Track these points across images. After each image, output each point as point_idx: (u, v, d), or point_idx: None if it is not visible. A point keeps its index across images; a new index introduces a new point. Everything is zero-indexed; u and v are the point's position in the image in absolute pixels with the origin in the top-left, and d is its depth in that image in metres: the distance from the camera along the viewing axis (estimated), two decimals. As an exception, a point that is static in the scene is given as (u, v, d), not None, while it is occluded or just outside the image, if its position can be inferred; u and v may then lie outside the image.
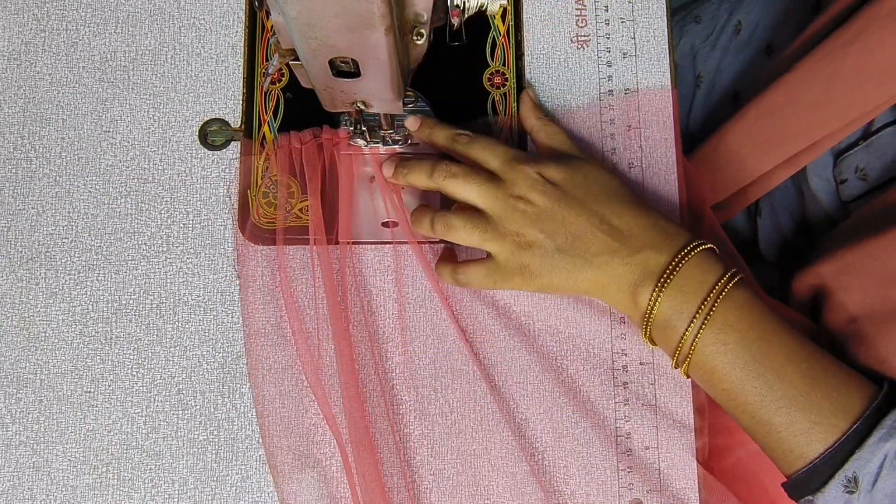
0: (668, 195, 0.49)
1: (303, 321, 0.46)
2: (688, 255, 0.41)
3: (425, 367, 0.46)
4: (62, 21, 0.49)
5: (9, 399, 0.45)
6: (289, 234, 0.46)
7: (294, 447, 0.45)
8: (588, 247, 0.42)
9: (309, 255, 0.47)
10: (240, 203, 0.47)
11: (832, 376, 0.41)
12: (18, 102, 0.48)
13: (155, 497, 0.45)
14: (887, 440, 0.38)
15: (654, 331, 0.42)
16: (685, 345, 0.41)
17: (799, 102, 0.51)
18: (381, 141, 0.47)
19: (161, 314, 0.46)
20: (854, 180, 0.51)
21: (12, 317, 0.46)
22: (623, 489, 0.46)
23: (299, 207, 0.47)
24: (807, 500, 0.40)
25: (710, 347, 0.41)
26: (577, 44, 0.51)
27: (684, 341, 0.41)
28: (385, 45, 0.33)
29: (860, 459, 0.38)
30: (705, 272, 0.41)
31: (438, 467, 0.45)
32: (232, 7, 0.50)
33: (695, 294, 0.41)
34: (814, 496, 0.40)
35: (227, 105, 0.49)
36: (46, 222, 0.47)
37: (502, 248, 0.42)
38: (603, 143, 0.50)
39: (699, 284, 0.41)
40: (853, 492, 0.38)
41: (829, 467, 0.39)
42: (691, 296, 0.41)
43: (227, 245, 0.47)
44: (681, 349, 0.41)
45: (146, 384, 0.46)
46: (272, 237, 0.46)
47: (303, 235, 0.46)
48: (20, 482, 0.44)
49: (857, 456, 0.38)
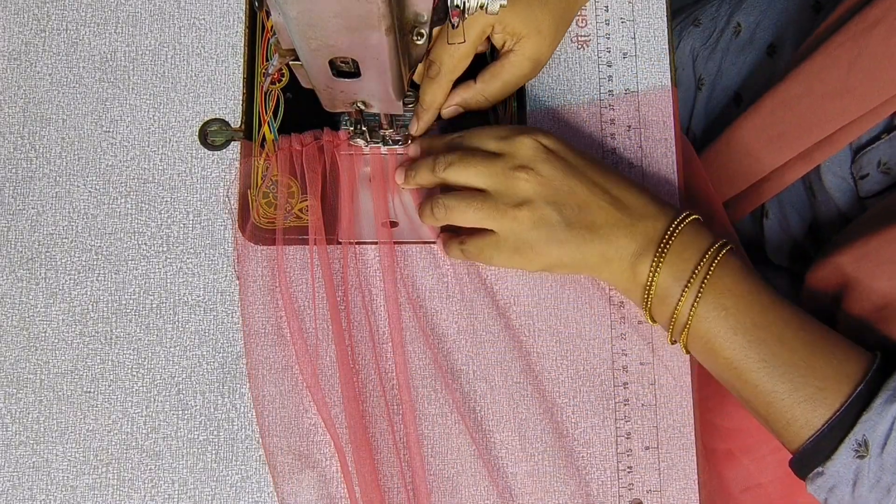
0: (668, 195, 0.49)
1: (301, 321, 0.46)
2: (681, 223, 0.41)
3: (425, 367, 0.46)
4: (62, 21, 0.49)
5: (9, 399, 0.45)
6: (289, 234, 0.46)
7: (294, 447, 0.45)
8: (594, 218, 0.42)
9: (308, 255, 0.47)
10: (240, 203, 0.47)
11: (831, 343, 0.41)
12: (18, 102, 0.48)
13: (155, 497, 0.45)
14: (893, 402, 0.38)
15: (654, 303, 0.42)
16: (683, 311, 0.41)
17: (817, 92, 0.50)
18: (381, 141, 0.47)
19: (161, 314, 0.46)
20: (876, 175, 0.51)
21: (12, 317, 0.46)
22: (623, 489, 0.46)
23: (299, 207, 0.47)
24: (816, 472, 0.40)
25: (710, 313, 0.41)
26: (577, 44, 0.51)
27: (681, 308, 0.41)
28: (385, 45, 0.33)
29: (869, 421, 0.38)
30: (699, 240, 0.42)
31: (438, 467, 0.45)
32: (232, 7, 0.50)
33: (691, 261, 0.41)
34: (823, 466, 0.39)
35: (227, 105, 0.49)
36: (46, 222, 0.47)
37: (502, 225, 0.42)
38: (603, 142, 0.50)
39: (695, 251, 0.41)
40: (864, 456, 0.38)
41: (839, 431, 0.38)
42: (689, 262, 0.41)
43: (227, 245, 0.47)
44: (678, 317, 0.41)
45: (146, 384, 0.46)
46: (272, 237, 0.46)
47: (303, 235, 0.46)
48: (20, 482, 0.44)
49: (865, 418, 0.38)
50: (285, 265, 0.46)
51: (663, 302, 0.42)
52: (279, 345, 0.46)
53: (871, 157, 0.51)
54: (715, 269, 0.41)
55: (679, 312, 0.41)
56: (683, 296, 0.41)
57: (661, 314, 0.43)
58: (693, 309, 0.41)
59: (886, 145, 0.50)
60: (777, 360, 0.40)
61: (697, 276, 0.40)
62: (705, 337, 0.41)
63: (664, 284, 0.41)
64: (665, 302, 0.42)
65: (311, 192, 0.46)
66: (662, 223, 0.42)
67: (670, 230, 0.41)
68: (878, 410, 0.38)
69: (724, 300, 0.40)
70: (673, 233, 0.41)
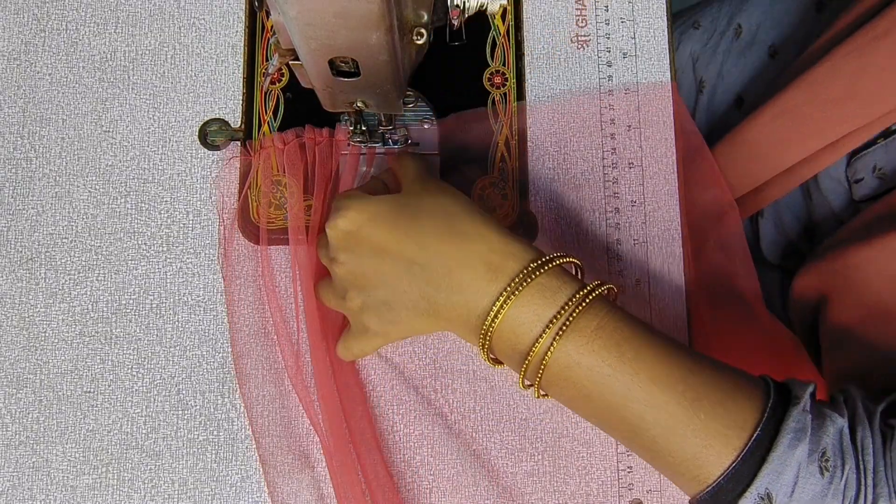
0: (668, 195, 0.49)
1: (288, 323, 0.46)
2: (541, 267, 0.36)
3: (425, 367, 0.46)
4: (62, 21, 0.49)
5: (9, 399, 0.45)
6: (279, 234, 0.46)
7: (288, 448, 0.45)
8: (407, 296, 0.37)
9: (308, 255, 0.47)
10: (240, 203, 0.47)
11: (718, 390, 0.35)
12: (18, 102, 0.48)
13: (155, 497, 0.45)
14: (795, 446, 0.34)
15: (495, 341, 0.37)
16: (542, 347, 0.35)
17: (820, 99, 0.50)
18: (380, 140, 0.47)
19: (161, 314, 0.46)
20: (871, 179, 0.51)
21: (12, 317, 0.46)
22: (623, 489, 0.46)
23: (299, 207, 0.47)
24: None
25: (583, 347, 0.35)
26: (577, 44, 0.51)
27: (541, 344, 0.35)
28: (385, 45, 0.33)
29: (770, 473, 0.33)
30: (563, 283, 0.36)
31: (438, 467, 0.45)
32: (232, 7, 0.50)
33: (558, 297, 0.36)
34: None
35: (227, 105, 0.49)
36: (46, 222, 0.47)
37: (347, 313, 0.41)
38: (603, 142, 0.50)
39: (566, 290, 0.36)
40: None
41: (736, 484, 0.34)
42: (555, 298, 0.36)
43: (236, 236, 0.47)
44: (535, 354, 0.36)
45: (146, 384, 0.46)
46: (272, 237, 0.46)
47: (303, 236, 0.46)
48: (20, 482, 0.44)
49: (766, 470, 0.33)
50: (271, 265, 0.46)
51: (509, 340, 0.36)
52: (266, 346, 0.46)
53: (865, 162, 0.51)
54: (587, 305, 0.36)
55: (537, 348, 0.35)
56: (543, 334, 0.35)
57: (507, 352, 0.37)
58: (551, 349, 0.35)
59: (882, 150, 0.50)
60: (650, 424, 0.35)
61: (559, 318, 0.35)
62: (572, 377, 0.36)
63: (511, 324, 0.36)
64: (513, 339, 0.36)
65: (290, 191, 0.46)
66: (497, 284, 0.36)
67: (531, 267, 0.36)
68: (780, 458, 0.33)
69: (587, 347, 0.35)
70: (526, 278, 0.36)
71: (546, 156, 0.49)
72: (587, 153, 0.49)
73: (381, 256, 0.38)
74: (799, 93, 0.51)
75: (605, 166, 0.49)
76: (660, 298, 0.48)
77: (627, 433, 0.36)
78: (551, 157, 0.49)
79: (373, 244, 0.38)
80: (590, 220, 0.49)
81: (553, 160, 0.49)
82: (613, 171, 0.49)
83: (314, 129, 0.47)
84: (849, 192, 0.53)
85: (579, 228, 0.49)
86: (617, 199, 0.49)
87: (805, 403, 0.35)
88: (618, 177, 0.49)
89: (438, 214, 0.38)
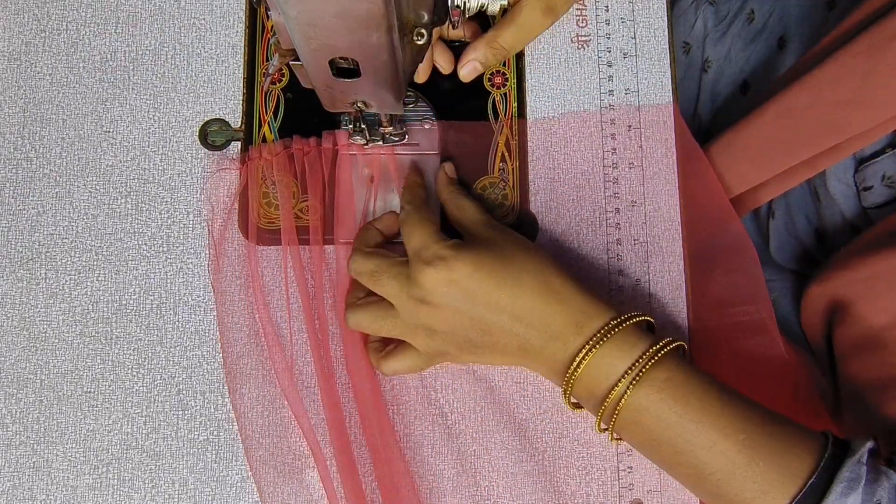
0: (668, 195, 0.49)
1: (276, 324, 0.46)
2: (620, 324, 0.40)
3: (425, 367, 0.46)
4: (62, 21, 0.49)
5: (9, 399, 0.45)
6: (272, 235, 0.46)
7: (279, 454, 0.45)
8: (497, 340, 0.41)
9: (308, 255, 0.47)
10: (240, 203, 0.47)
11: (777, 440, 0.38)
12: (18, 102, 0.48)
13: (155, 497, 0.45)
14: (848, 494, 0.35)
15: (577, 387, 0.41)
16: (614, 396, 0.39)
17: (826, 101, 0.49)
18: (381, 140, 0.47)
19: (161, 314, 0.46)
20: (880, 188, 0.50)
21: (12, 317, 0.46)
22: (623, 489, 0.46)
23: (299, 208, 0.47)
24: None
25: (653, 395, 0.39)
26: (577, 44, 0.51)
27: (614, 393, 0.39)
28: (385, 45, 0.33)
29: None
30: (639, 339, 0.40)
31: (438, 467, 0.45)
32: (232, 7, 0.50)
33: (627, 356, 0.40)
34: None
35: (227, 105, 0.49)
36: (46, 222, 0.47)
37: (415, 339, 0.43)
38: (603, 143, 0.50)
39: (631, 347, 0.40)
40: None
41: None
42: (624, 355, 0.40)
43: (226, 245, 0.47)
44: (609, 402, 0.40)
45: (146, 384, 0.46)
46: (272, 237, 0.46)
47: (303, 235, 0.46)
48: (20, 482, 0.44)
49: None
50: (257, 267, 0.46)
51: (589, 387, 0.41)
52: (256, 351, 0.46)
53: (875, 170, 0.50)
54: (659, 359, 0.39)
55: (613, 395, 0.39)
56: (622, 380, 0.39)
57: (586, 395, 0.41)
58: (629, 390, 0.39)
59: (890, 160, 0.49)
60: (711, 469, 0.38)
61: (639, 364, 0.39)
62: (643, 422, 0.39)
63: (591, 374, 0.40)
64: (597, 384, 0.40)
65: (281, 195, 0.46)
66: (578, 340, 0.40)
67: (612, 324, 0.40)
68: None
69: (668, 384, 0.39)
70: (615, 327, 0.40)
71: (546, 156, 0.49)
72: (587, 153, 0.49)
73: (486, 307, 0.40)
74: (804, 93, 0.50)
75: (606, 166, 0.49)
76: (660, 298, 0.48)
77: (693, 477, 0.39)
78: (551, 157, 0.49)
79: (477, 295, 0.40)
80: (590, 220, 0.49)
81: (553, 160, 0.49)
82: (614, 171, 0.49)
83: (302, 140, 0.47)
84: (857, 197, 0.53)
85: (579, 228, 0.49)
86: (617, 199, 0.49)
87: (861, 456, 0.37)
88: (618, 177, 0.49)
89: (535, 272, 0.41)
